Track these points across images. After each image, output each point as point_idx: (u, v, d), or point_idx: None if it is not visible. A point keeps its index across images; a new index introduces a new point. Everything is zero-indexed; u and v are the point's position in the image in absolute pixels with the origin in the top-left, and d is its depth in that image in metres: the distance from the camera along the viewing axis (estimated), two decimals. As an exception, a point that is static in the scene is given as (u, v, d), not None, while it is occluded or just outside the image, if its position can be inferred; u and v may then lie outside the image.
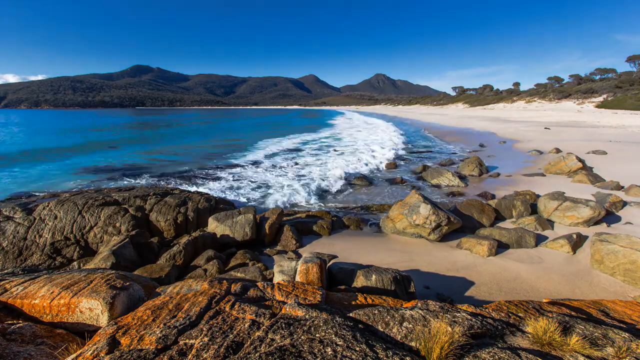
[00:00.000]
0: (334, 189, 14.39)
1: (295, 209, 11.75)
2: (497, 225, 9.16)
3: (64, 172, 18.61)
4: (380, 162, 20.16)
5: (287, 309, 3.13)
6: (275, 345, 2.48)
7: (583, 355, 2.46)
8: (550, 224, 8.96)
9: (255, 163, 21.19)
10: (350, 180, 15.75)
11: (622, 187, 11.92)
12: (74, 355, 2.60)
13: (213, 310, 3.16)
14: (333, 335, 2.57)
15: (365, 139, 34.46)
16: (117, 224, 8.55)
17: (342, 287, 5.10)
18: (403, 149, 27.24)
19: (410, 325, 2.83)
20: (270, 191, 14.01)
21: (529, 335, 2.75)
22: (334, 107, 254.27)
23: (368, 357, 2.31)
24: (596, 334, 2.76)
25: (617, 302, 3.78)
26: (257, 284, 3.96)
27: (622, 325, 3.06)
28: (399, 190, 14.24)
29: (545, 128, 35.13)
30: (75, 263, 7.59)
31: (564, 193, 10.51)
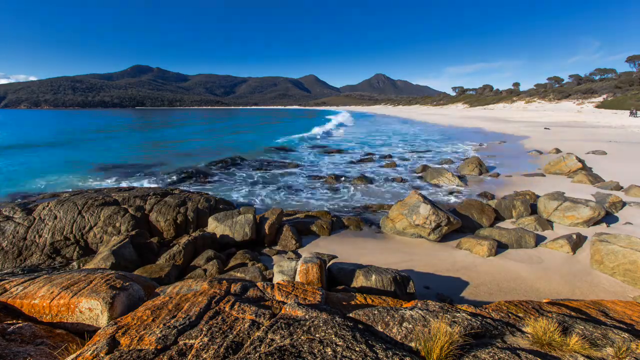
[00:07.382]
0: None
1: (296, 209, 11.75)
2: (496, 225, 9.16)
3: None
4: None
5: (287, 309, 3.13)
6: (275, 345, 2.48)
7: (583, 355, 2.46)
8: (550, 224, 8.96)
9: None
10: (350, 180, 15.77)
11: (622, 187, 11.92)
12: (73, 355, 2.59)
13: (213, 311, 3.16)
14: (333, 336, 2.57)
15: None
16: (117, 224, 8.54)
17: (342, 287, 5.10)
18: (403, 148, 27.28)
19: (410, 326, 2.83)
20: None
21: (529, 336, 2.75)
22: (332, 108, 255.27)
23: (368, 358, 2.31)
24: (596, 334, 2.76)
25: (617, 303, 3.78)
26: (257, 284, 3.95)
27: (621, 325, 3.06)
28: (398, 190, 14.25)
29: (545, 128, 35.16)
30: (75, 263, 7.58)
31: (564, 193, 10.51)
